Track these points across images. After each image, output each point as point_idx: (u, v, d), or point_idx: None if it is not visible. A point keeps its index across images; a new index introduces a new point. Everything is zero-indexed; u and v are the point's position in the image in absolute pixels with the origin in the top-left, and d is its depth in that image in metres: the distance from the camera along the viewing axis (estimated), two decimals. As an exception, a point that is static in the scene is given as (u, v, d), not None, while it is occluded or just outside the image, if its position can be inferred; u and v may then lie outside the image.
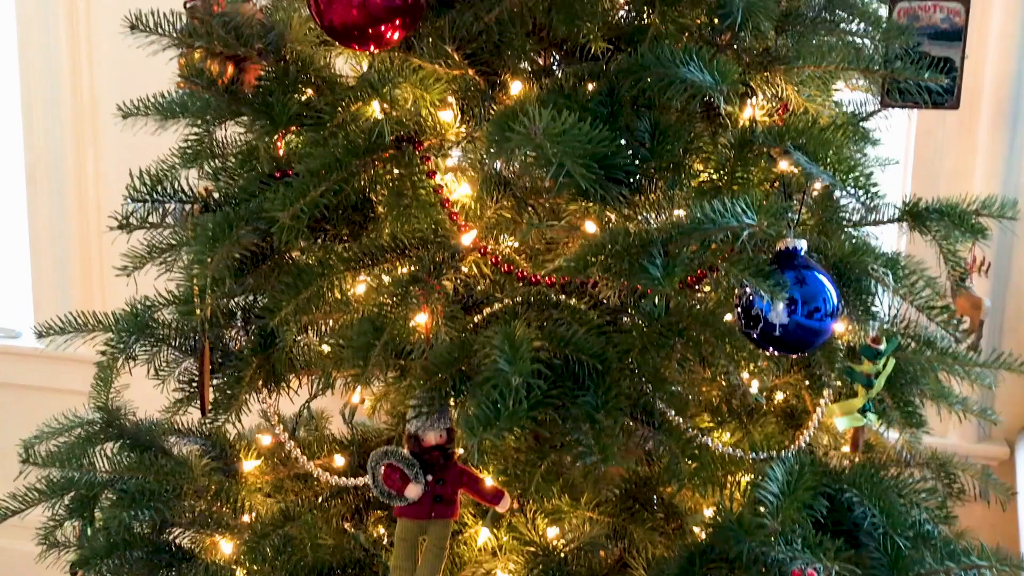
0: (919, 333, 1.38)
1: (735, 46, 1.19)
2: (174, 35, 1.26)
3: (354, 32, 1.11)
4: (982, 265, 1.45)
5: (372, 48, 1.13)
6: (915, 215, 1.43)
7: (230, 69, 1.32)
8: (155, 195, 1.18)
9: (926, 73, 1.13)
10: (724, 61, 1.00)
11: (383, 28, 1.11)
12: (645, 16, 1.16)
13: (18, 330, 2.85)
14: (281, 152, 1.28)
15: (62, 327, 1.40)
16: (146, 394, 1.44)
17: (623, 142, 1.07)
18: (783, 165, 1.18)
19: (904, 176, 2.19)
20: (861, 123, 1.48)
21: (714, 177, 1.16)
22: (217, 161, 1.30)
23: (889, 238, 1.54)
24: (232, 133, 1.31)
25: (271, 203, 1.07)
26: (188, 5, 1.32)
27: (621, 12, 1.20)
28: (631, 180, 1.04)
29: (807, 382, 1.34)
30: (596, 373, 1.04)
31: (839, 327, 1.22)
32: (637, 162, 1.09)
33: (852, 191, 0.99)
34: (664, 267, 0.99)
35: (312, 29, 1.28)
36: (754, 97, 1.27)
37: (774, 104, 1.29)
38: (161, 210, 1.20)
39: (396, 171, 1.17)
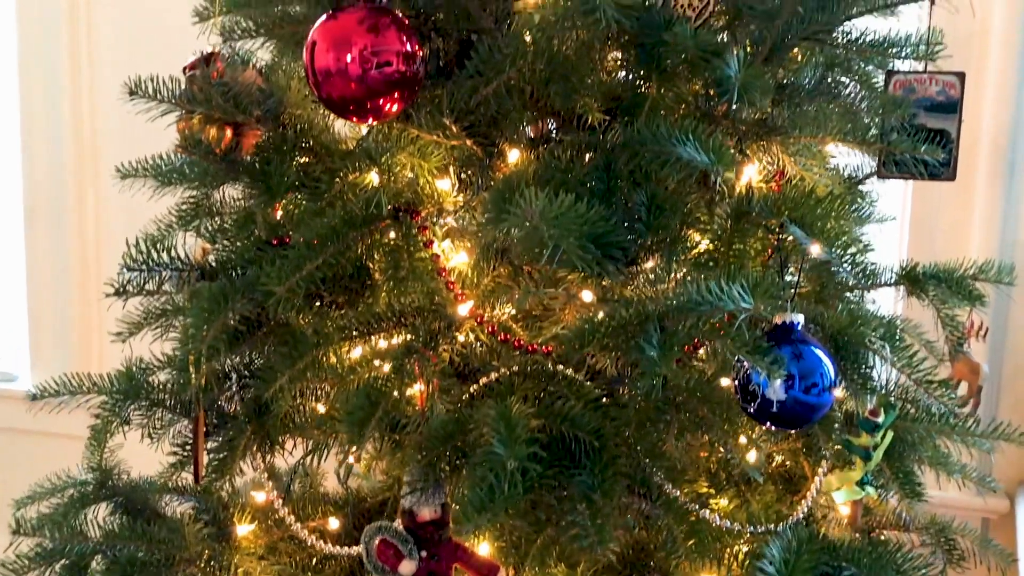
0: (917, 399, 1.38)
1: (731, 116, 1.20)
2: (173, 101, 1.27)
3: (351, 106, 1.11)
4: (980, 330, 1.45)
5: (370, 120, 1.13)
6: (912, 280, 1.43)
7: (228, 133, 1.32)
8: (151, 263, 1.17)
9: (923, 147, 1.13)
10: (720, 141, 1.00)
11: (381, 101, 1.11)
12: (642, 87, 1.16)
13: (15, 373, 2.84)
14: (279, 217, 1.28)
15: (57, 390, 1.39)
16: (140, 449, 1.43)
17: (620, 217, 1.06)
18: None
19: (901, 232, 2.20)
20: (858, 185, 1.49)
21: (711, 248, 1.16)
22: (215, 221, 1.30)
23: (887, 300, 1.53)
24: (231, 195, 1.31)
25: (267, 276, 1.07)
26: (187, 71, 1.33)
27: (618, 80, 1.21)
28: (627, 255, 1.04)
29: (804, 449, 1.33)
30: (593, 450, 1.04)
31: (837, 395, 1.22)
32: (634, 235, 1.09)
33: (849, 269, 0.99)
34: (660, 346, 0.99)
35: (311, 93, 1.29)
36: (750, 164, 1.28)
37: (770, 170, 1.30)
38: (158, 277, 1.20)
39: (393, 241, 1.17)
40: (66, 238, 2.74)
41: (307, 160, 1.28)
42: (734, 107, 1.07)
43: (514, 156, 1.24)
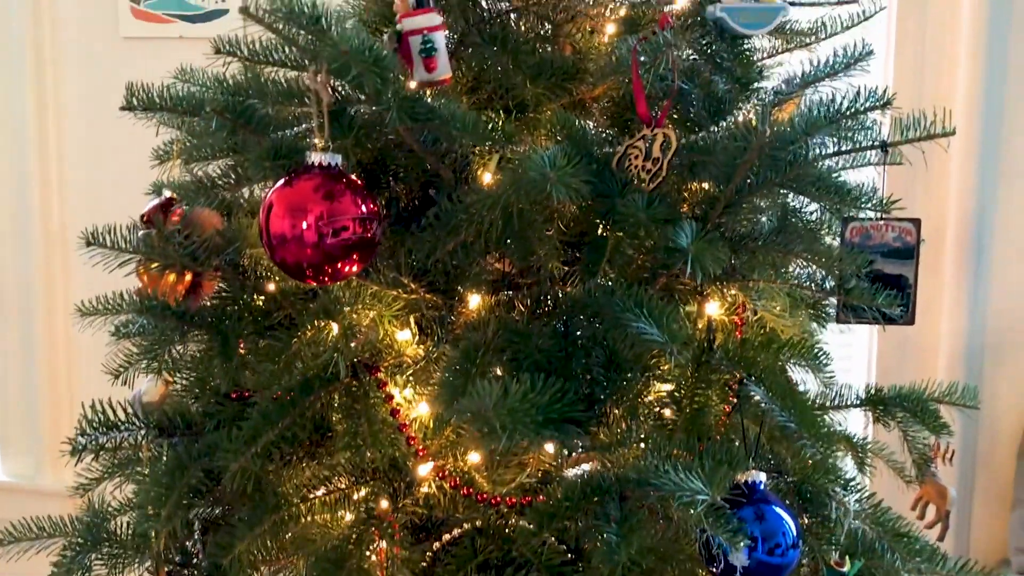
0: (887, 522, 1.37)
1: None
2: (130, 251, 1.26)
3: (307, 271, 1.10)
4: (947, 453, 1.45)
5: (327, 282, 1.13)
6: (877, 403, 1.43)
7: (188, 277, 1.31)
8: (106, 427, 1.16)
9: (880, 298, 1.13)
10: (674, 314, 1.00)
11: (339, 265, 1.10)
12: (601, 239, 1.16)
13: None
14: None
15: (18, 536, 1.37)
16: None
17: (577, 385, 1.06)
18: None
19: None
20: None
21: (672, 392, 1.16)
22: (173, 373, 1.29)
23: (855, 420, 1.53)
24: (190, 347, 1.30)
25: (223, 451, 1.06)
26: (144, 219, 1.32)
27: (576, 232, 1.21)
28: (585, 429, 1.03)
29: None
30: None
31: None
32: (594, 399, 1.09)
33: (811, 444, 0.99)
34: (620, 521, 0.98)
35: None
36: (710, 302, 1.28)
37: (731, 305, 1.30)
38: (116, 437, 1.18)
39: (351, 401, 1.16)
40: (35, 324, 2.71)
41: (266, 306, 1.27)
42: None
43: (475, 301, 1.24)
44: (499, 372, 1.10)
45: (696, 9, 1.31)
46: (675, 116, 1.24)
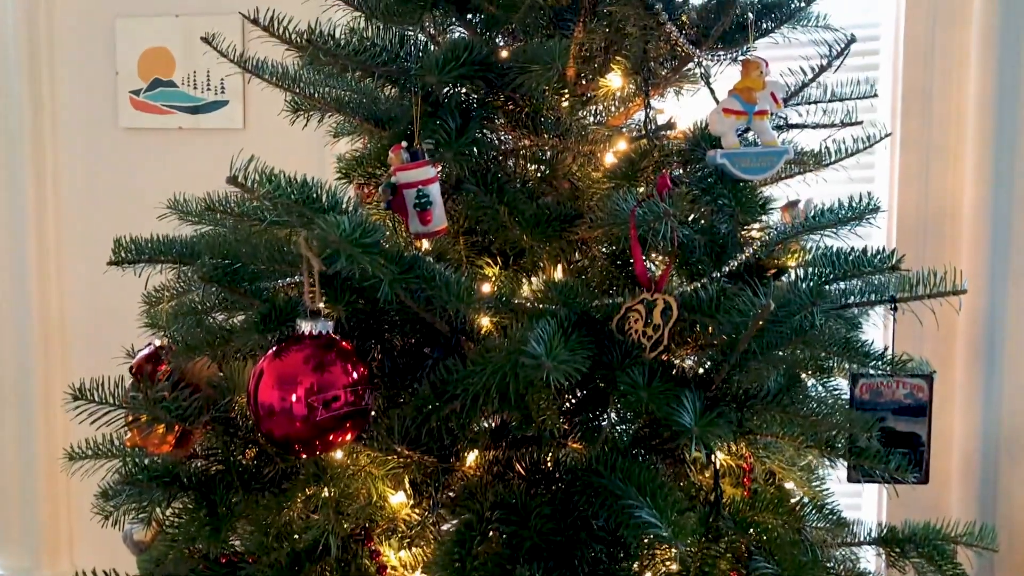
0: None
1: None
2: (117, 406, 1.22)
3: (295, 445, 1.06)
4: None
5: (318, 454, 1.09)
6: (891, 542, 1.38)
7: (177, 428, 1.28)
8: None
9: (892, 464, 1.09)
10: (681, 502, 0.96)
11: (331, 437, 1.07)
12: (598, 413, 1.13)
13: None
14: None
15: None
16: None
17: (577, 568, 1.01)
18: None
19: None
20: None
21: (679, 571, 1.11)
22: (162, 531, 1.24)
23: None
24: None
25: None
26: (134, 371, 1.29)
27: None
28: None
29: None
30: None
31: None
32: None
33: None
34: None
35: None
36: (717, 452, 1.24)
37: (739, 463, 1.26)
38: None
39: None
40: (34, 416, 2.68)
41: (257, 460, 1.23)
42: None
43: (472, 458, 1.20)
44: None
45: (696, 139, 1.29)
46: (676, 260, 1.21)
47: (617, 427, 1.07)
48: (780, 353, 1.07)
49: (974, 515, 2.15)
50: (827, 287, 1.05)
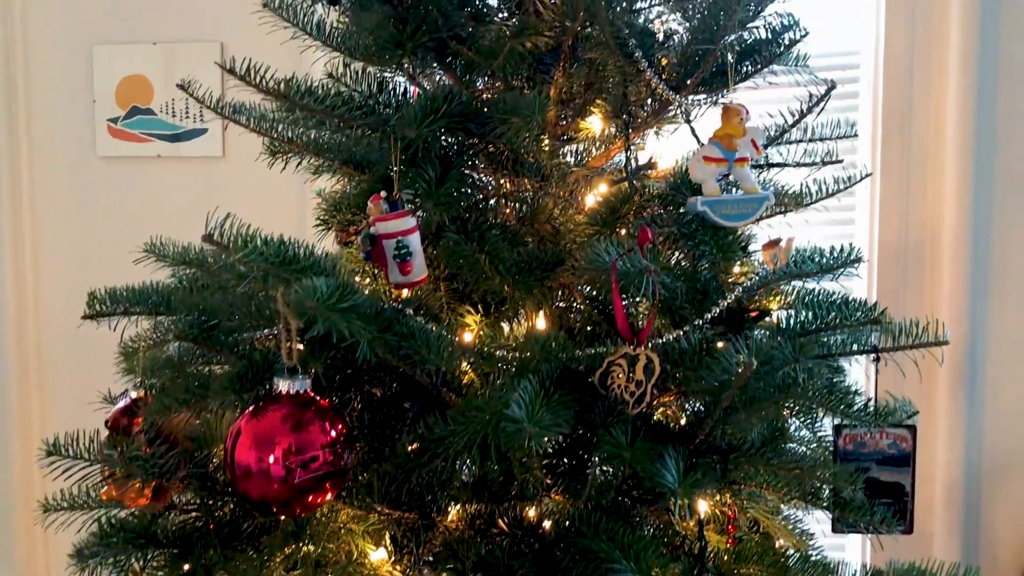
0: None
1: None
2: (93, 461, 1.20)
3: (273, 507, 1.05)
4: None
5: (297, 516, 1.07)
6: (877, 586, 1.37)
7: (154, 482, 1.26)
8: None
9: (877, 517, 1.08)
10: (670, 568, 0.95)
11: (310, 498, 1.05)
12: (586, 465, 1.11)
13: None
14: None
15: None
16: None
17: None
18: None
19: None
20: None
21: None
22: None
23: None
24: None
25: None
26: (109, 426, 1.27)
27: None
28: None
29: None
30: None
31: None
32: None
33: None
34: None
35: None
36: (700, 501, 1.23)
37: (723, 510, 1.25)
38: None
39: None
40: (9, 446, 2.64)
41: (235, 514, 1.21)
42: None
43: (453, 512, 1.18)
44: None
45: (677, 184, 1.28)
46: (658, 310, 1.20)
47: (600, 480, 1.06)
48: (763, 409, 1.06)
49: (956, 540, 2.16)
50: (810, 338, 1.05)
